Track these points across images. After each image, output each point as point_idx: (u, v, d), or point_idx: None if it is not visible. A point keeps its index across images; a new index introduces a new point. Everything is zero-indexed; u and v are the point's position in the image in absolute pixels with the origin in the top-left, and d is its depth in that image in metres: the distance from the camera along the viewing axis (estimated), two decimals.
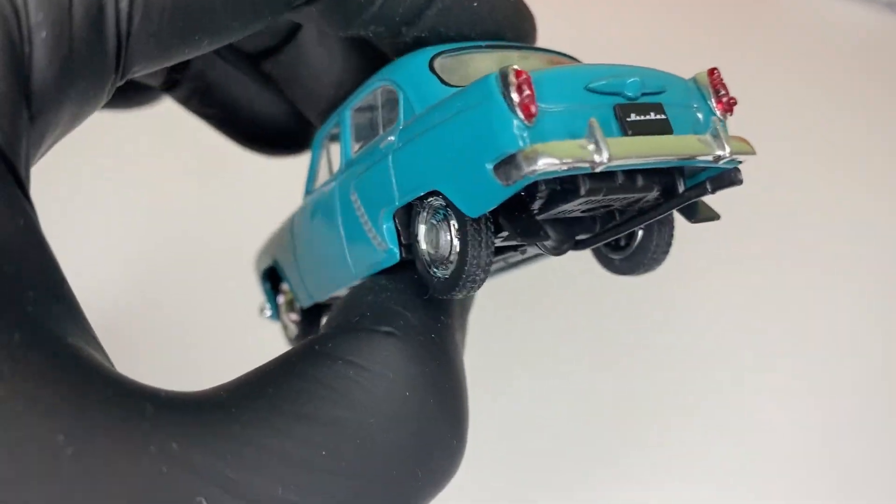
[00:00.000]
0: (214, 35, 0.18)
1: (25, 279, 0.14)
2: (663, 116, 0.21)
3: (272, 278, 0.31)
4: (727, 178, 0.22)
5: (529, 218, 0.20)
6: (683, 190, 0.23)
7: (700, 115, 0.22)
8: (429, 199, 0.21)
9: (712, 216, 0.24)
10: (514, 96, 0.18)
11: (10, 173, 0.15)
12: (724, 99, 0.23)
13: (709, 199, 0.23)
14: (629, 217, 0.23)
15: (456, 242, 0.20)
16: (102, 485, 0.13)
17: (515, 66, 0.19)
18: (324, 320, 0.27)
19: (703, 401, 0.41)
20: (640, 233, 0.25)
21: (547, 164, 0.18)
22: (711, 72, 0.23)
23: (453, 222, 0.20)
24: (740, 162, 0.22)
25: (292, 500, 0.16)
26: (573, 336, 0.39)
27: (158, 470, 0.14)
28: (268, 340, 0.30)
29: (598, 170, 0.18)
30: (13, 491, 0.12)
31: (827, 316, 0.46)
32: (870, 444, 0.40)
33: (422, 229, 0.21)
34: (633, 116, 0.20)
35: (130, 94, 0.28)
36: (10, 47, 0.15)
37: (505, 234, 0.21)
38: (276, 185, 0.42)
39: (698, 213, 0.24)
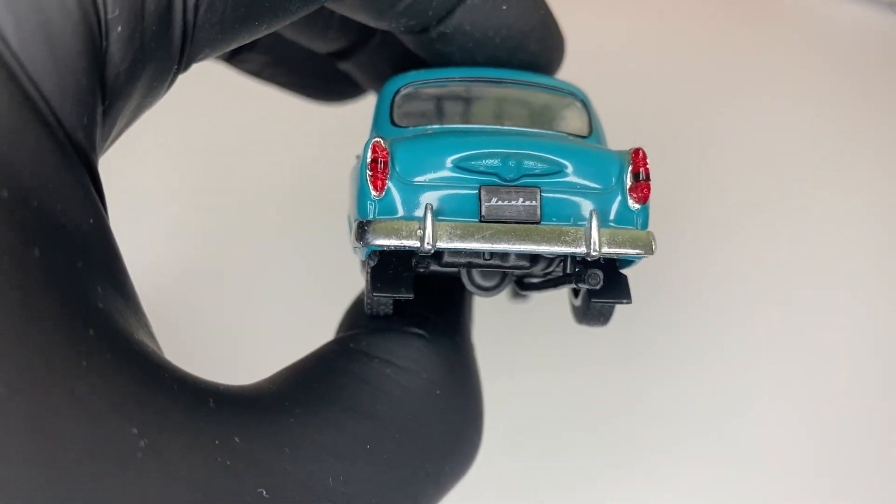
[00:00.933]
0: (273, 18, 0.19)
1: (97, 275, 0.14)
2: (533, 203, 0.20)
3: None
4: (587, 279, 0.21)
5: (395, 273, 0.21)
6: (564, 275, 0.22)
7: (608, 201, 0.20)
8: None
9: (614, 301, 0.22)
10: (368, 171, 0.19)
11: (87, 169, 0.15)
12: (640, 187, 0.20)
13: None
14: (542, 281, 0.23)
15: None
16: (173, 477, 0.13)
17: (378, 139, 0.20)
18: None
19: (710, 401, 0.42)
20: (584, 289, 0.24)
21: (377, 241, 0.19)
22: (636, 152, 0.21)
23: None
24: (633, 260, 0.21)
25: (340, 491, 0.16)
26: (576, 335, 0.40)
27: (224, 464, 0.14)
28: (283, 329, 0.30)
29: (424, 253, 0.19)
30: (92, 482, 0.12)
31: (828, 314, 0.46)
32: (873, 446, 0.41)
33: None
34: (494, 201, 0.20)
35: (337, 88, 0.29)
36: (91, 42, 0.15)
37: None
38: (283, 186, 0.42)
39: (603, 296, 0.22)
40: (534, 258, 0.21)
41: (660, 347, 0.43)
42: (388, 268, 0.21)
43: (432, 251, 0.19)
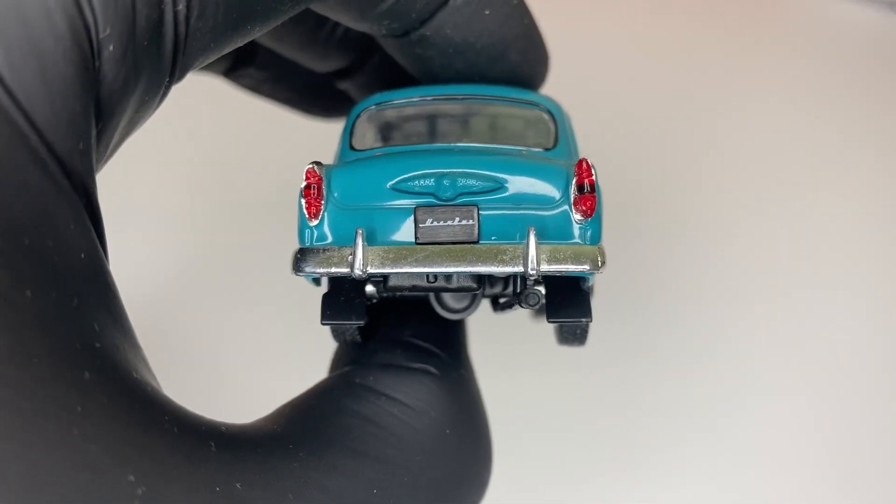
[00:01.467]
0: (265, 21, 0.18)
1: (93, 311, 0.14)
2: (470, 222, 0.19)
3: None
4: (525, 299, 0.20)
5: (347, 299, 0.21)
6: (514, 295, 0.21)
7: (552, 216, 0.19)
8: None
9: (571, 321, 0.21)
10: (303, 198, 0.19)
11: (83, 197, 0.15)
12: (584, 200, 0.19)
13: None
14: (506, 303, 0.23)
15: None
16: None
17: (312, 165, 0.20)
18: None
19: (710, 400, 0.42)
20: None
21: (309, 268, 0.19)
22: (579, 164, 0.19)
23: None
24: (587, 276, 0.19)
25: None
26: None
27: None
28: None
29: (356, 278, 0.19)
30: None
31: (829, 312, 0.46)
32: (873, 444, 0.41)
33: None
34: (430, 222, 0.19)
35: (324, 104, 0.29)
36: (83, 65, 0.15)
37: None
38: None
39: (559, 315, 0.20)
40: (482, 279, 0.21)
41: (662, 345, 0.43)
42: (339, 294, 0.21)
43: (364, 277, 0.19)
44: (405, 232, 0.19)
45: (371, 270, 0.19)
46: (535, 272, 0.18)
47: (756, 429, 0.41)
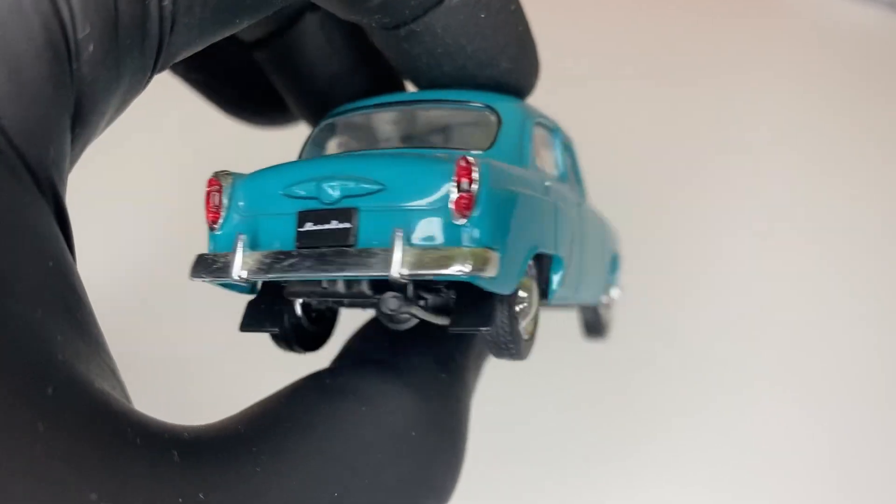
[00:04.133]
0: (254, 13, 0.18)
1: (54, 324, 0.14)
2: (346, 225, 0.18)
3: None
4: (382, 305, 0.20)
5: (267, 306, 0.21)
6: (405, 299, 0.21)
7: (432, 217, 0.18)
8: None
9: (471, 330, 0.20)
10: (204, 206, 0.20)
11: (51, 203, 0.15)
12: (461, 199, 0.18)
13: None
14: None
15: None
16: None
17: (214, 174, 0.20)
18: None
19: (703, 403, 0.41)
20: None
21: (198, 275, 0.19)
22: (458, 162, 0.18)
23: None
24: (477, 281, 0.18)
25: None
26: (575, 341, 0.39)
27: None
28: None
29: (239, 284, 0.19)
30: None
31: (829, 318, 0.46)
32: (872, 448, 0.41)
33: None
34: (309, 226, 0.19)
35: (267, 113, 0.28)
36: (58, 66, 0.14)
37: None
38: None
39: (460, 324, 0.20)
40: (382, 287, 0.20)
41: (659, 353, 0.43)
42: (262, 302, 0.21)
43: (244, 282, 0.19)
44: (288, 237, 0.19)
45: (245, 276, 0.19)
46: (398, 276, 0.17)
47: (756, 434, 0.41)
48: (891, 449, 0.40)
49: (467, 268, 0.17)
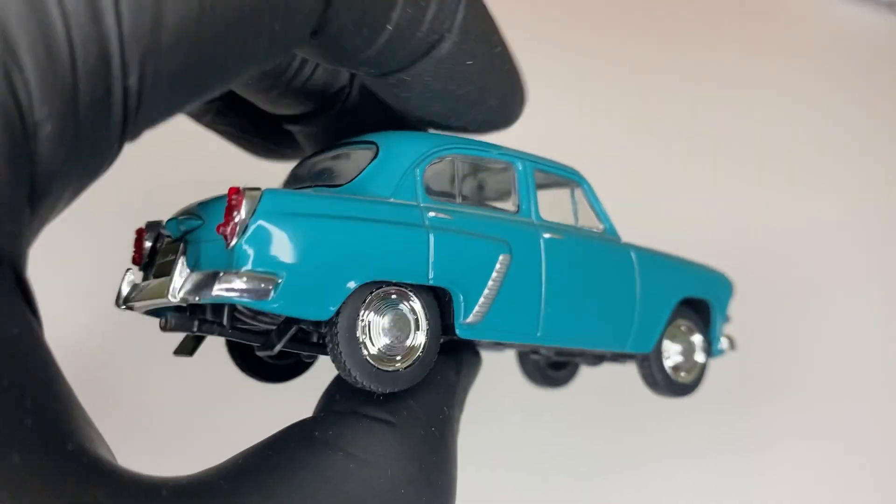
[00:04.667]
0: (224, 83, 0.18)
1: (22, 389, 0.14)
2: (171, 257, 0.20)
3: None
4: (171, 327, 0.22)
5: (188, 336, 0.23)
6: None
7: (218, 245, 0.19)
8: None
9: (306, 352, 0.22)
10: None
11: (14, 278, 0.15)
12: (228, 225, 0.18)
13: None
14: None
15: None
16: None
17: (147, 223, 0.22)
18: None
19: (703, 417, 0.42)
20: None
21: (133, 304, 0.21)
22: (229, 192, 0.19)
23: None
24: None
25: None
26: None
27: None
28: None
29: (125, 310, 0.22)
30: None
31: (831, 313, 0.46)
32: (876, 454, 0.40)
33: None
34: (157, 259, 0.22)
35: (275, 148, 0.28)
36: (13, 148, 0.14)
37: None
38: None
39: (261, 346, 0.21)
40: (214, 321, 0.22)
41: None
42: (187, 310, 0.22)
43: (124, 310, 0.21)
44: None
45: (123, 306, 0.21)
46: (175, 300, 0.19)
47: (755, 441, 0.41)
48: None
49: (235, 291, 0.17)
